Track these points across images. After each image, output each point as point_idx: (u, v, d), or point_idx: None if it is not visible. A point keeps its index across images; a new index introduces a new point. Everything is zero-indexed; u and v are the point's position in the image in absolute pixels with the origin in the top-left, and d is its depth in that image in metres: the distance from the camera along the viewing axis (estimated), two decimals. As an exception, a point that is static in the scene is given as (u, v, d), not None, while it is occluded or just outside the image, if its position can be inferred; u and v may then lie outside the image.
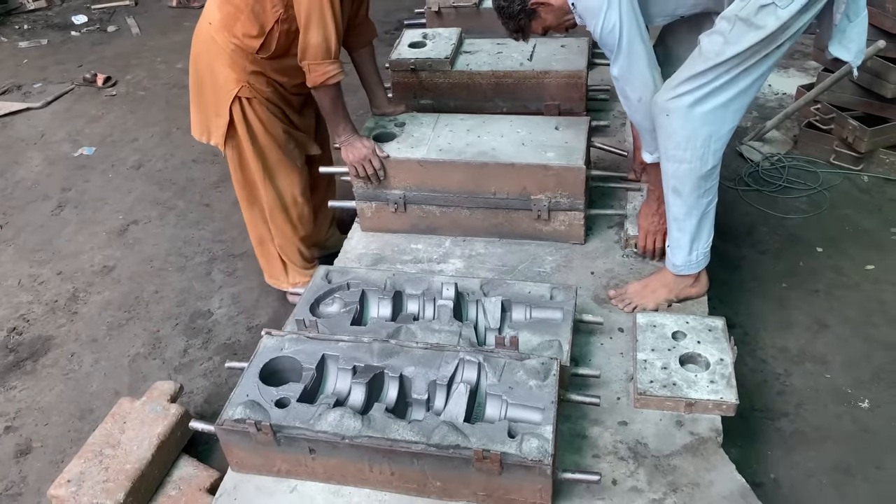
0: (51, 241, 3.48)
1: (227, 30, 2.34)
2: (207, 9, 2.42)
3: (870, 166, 3.34)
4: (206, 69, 2.44)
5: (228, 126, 2.46)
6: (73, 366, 2.77)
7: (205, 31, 2.41)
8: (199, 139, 2.56)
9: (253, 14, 2.30)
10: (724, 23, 1.84)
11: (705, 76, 1.88)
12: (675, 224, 2.15)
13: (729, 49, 1.83)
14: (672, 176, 2.07)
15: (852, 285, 2.77)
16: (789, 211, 3.15)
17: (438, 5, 3.40)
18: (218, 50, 2.38)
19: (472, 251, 2.47)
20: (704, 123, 1.94)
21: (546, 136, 2.45)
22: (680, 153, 2.00)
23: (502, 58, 2.93)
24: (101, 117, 4.54)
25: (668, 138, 2.01)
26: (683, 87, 1.92)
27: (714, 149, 1.98)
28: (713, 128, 1.95)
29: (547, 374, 1.78)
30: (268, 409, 1.76)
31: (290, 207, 2.68)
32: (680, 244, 2.16)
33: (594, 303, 2.25)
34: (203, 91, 2.48)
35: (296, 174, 2.65)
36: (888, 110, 3.24)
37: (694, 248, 2.16)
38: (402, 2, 5.71)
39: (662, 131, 2.02)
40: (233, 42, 2.35)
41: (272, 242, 2.77)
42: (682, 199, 2.09)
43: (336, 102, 2.39)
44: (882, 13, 3.03)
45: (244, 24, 2.32)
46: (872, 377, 2.39)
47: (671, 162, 2.04)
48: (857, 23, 1.91)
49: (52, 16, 6.16)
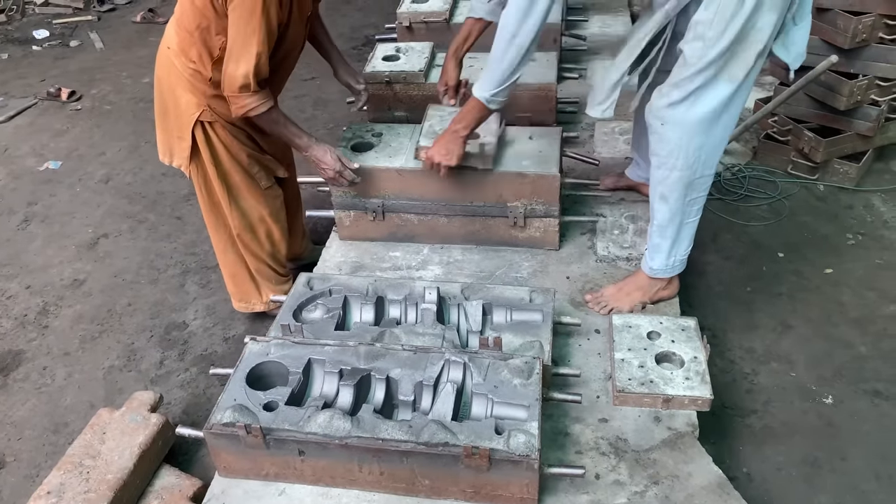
0: (18, 255, 3.42)
1: (185, 55, 2.34)
2: (167, 32, 2.41)
3: (825, 175, 3.48)
4: (168, 92, 2.43)
5: (192, 149, 2.46)
6: (45, 380, 2.73)
7: (165, 54, 2.40)
8: (163, 161, 2.56)
9: (202, 41, 2.31)
10: (700, 27, 1.93)
11: (693, 81, 1.98)
12: (658, 230, 2.22)
13: (710, 51, 1.92)
14: (661, 182, 2.13)
15: (813, 288, 2.88)
16: (751, 219, 3.26)
17: (409, 20, 3.46)
18: (178, 74, 2.38)
19: (450, 258, 2.52)
20: (697, 133, 2.02)
21: (521, 146, 2.52)
22: (672, 160, 2.07)
23: (474, 70, 2.99)
24: (66, 131, 4.49)
25: (661, 145, 2.08)
26: (675, 94, 2.01)
27: (704, 158, 2.07)
28: (705, 138, 2.03)
29: (530, 372, 1.83)
30: (256, 413, 1.77)
31: (258, 227, 2.66)
32: (660, 249, 2.23)
33: (571, 306, 2.31)
34: (167, 114, 2.48)
35: (261, 195, 2.63)
36: (841, 122, 3.39)
37: (673, 254, 2.24)
38: (368, 18, 5.77)
39: (656, 137, 2.10)
40: (190, 67, 2.35)
41: (241, 264, 2.74)
42: (668, 205, 2.16)
43: (277, 125, 2.37)
44: (834, 30, 3.19)
45: (198, 50, 2.33)
46: (835, 374, 2.50)
47: (662, 169, 2.11)
48: (801, 27, 2.05)
49: (11, 30, 6.07)
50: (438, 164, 2.32)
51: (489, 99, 2.16)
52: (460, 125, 2.26)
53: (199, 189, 2.58)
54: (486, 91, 2.16)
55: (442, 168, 2.32)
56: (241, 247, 2.68)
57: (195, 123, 2.41)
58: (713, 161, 2.10)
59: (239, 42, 2.19)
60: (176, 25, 2.36)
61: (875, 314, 2.75)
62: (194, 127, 2.41)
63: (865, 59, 3.22)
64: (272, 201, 2.65)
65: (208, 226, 2.67)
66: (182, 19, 2.32)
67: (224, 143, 2.48)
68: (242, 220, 2.62)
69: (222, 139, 2.47)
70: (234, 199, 2.59)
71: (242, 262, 2.73)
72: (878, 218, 3.27)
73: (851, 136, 3.39)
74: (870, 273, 2.95)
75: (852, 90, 3.21)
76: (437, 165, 2.33)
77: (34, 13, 6.37)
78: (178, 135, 2.47)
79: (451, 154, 2.29)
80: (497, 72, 2.12)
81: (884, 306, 2.79)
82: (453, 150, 2.29)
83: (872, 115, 3.30)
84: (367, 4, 6.08)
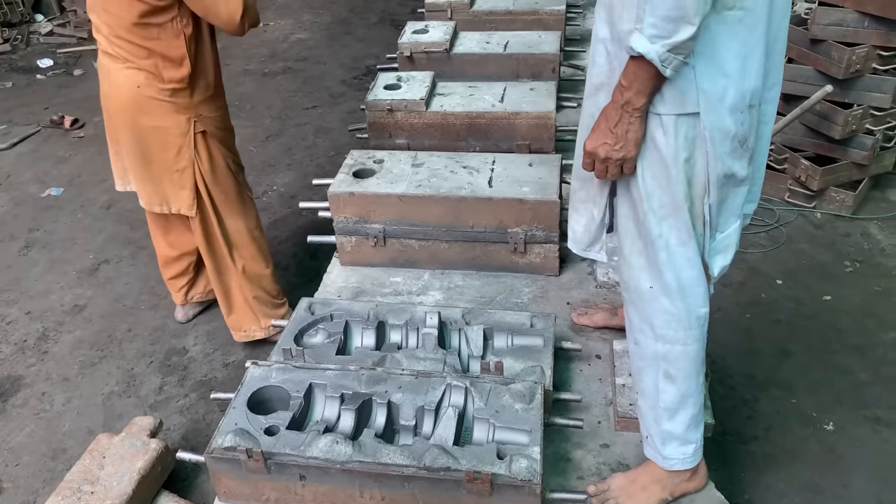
0: (18, 280, 3.43)
1: (158, 81, 2.40)
2: (124, 80, 2.42)
3: (822, 203, 3.52)
4: (149, 135, 2.46)
5: (196, 184, 2.52)
6: (44, 405, 2.72)
7: (134, 97, 2.42)
8: (161, 211, 2.61)
9: (163, 44, 2.35)
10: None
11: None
12: (667, 414, 1.75)
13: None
14: (662, 358, 1.71)
15: (812, 315, 2.90)
16: (749, 246, 3.29)
17: (410, 50, 3.51)
18: (157, 104, 2.42)
19: (450, 283, 2.53)
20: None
21: (521, 172, 2.54)
22: (671, 332, 1.68)
23: (475, 99, 3.04)
24: (68, 158, 4.52)
25: (654, 316, 1.69)
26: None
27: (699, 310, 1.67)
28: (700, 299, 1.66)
29: (532, 397, 1.83)
30: (257, 437, 1.77)
31: (249, 242, 2.75)
32: (673, 435, 1.76)
33: (571, 331, 2.32)
34: (150, 162, 2.51)
35: (248, 202, 2.75)
36: (837, 151, 3.43)
37: (691, 439, 1.77)
38: (368, 49, 5.85)
39: (633, 308, 1.73)
40: (168, 87, 2.41)
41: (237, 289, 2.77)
42: (675, 385, 1.72)
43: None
44: (828, 60, 3.24)
45: (164, 62, 2.38)
46: (835, 401, 2.50)
47: (661, 342, 1.70)
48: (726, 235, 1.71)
49: (16, 59, 6.14)
50: (606, 164, 1.57)
51: (663, 56, 1.37)
52: (630, 93, 1.45)
53: (197, 217, 2.62)
54: (657, 41, 1.36)
55: (612, 166, 1.56)
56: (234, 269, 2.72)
57: (194, 138, 2.48)
58: (705, 296, 1.67)
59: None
60: (130, 61, 2.38)
61: (874, 341, 2.76)
62: (196, 144, 2.48)
63: (859, 90, 3.28)
64: (255, 209, 2.79)
65: (203, 252, 2.72)
66: (132, 51, 2.35)
67: (210, 154, 2.56)
68: (234, 236, 2.70)
69: (210, 149, 2.55)
70: (225, 214, 2.66)
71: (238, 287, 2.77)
72: (875, 245, 3.29)
73: (847, 165, 3.44)
74: (868, 300, 2.97)
75: (847, 119, 3.26)
76: (605, 164, 1.57)
77: (39, 43, 6.46)
78: (174, 169, 2.50)
79: (625, 142, 1.51)
80: (670, 3, 1.32)
81: (882, 333, 2.80)
82: (629, 136, 1.51)
83: (867, 144, 3.34)
84: (368, 36, 6.18)
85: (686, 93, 1.46)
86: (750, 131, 1.57)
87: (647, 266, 1.66)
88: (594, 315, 2.31)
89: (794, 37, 3.42)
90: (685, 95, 1.46)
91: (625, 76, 1.46)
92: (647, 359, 1.74)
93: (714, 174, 1.54)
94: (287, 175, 4.12)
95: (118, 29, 2.33)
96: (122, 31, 2.32)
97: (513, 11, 3.82)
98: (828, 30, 3.24)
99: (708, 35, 1.40)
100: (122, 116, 2.47)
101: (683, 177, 1.54)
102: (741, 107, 1.51)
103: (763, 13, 1.46)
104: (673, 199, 1.56)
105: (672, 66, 1.39)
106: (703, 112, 1.47)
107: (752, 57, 1.49)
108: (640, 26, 1.37)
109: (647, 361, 1.75)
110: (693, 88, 1.46)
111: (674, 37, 1.35)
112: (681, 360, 1.70)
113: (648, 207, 1.59)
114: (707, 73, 1.45)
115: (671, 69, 1.39)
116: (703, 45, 1.40)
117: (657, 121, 1.50)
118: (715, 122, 1.49)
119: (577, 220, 1.87)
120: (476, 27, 3.73)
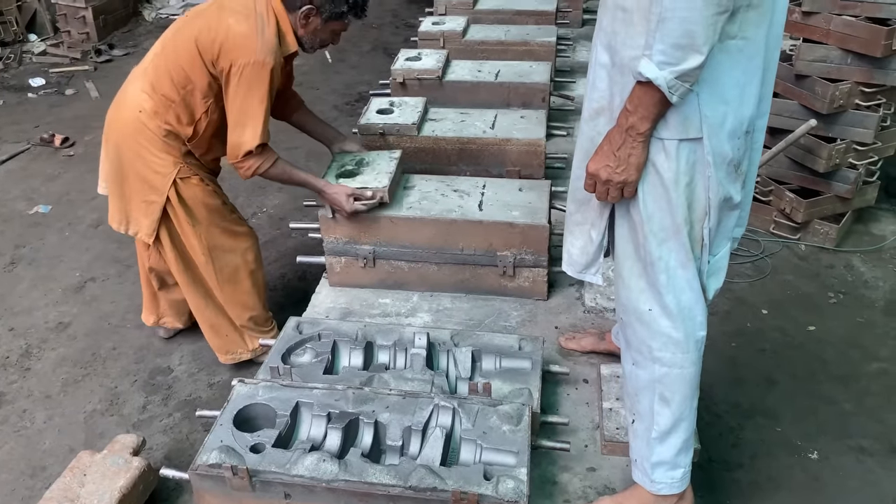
0: (3, 297, 3.40)
1: (159, 118, 2.41)
2: (133, 97, 2.45)
3: (807, 236, 3.57)
4: (133, 157, 2.46)
5: (164, 211, 2.49)
6: (24, 422, 2.68)
7: (132, 118, 2.43)
8: (117, 229, 2.59)
9: (184, 103, 2.40)
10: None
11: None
12: (659, 438, 1.75)
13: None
14: (658, 381, 1.71)
15: (797, 345, 2.92)
16: (735, 276, 3.32)
17: (403, 77, 3.55)
18: (150, 136, 2.43)
19: (439, 306, 2.54)
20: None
21: (511, 197, 2.57)
22: (668, 354, 1.69)
23: (466, 125, 3.08)
24: (58, 176, 4.51)
25: (651, 338, 1.70)
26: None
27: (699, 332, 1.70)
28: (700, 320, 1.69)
29: (519, 419, 1.83)
30: (243, 455, 1.75)
31: (245, 277, 2.71)
32: (663, 459, 1.76)
33: (559, 355, 2.33)
34: (125, 180, 2.51)
35: (242, 239, 2.70)
36: (821, 184, 3.49)
37: (680, 464, 1.77)
38: (361, 76, 5.91)
39: (632, 331, 1.74)
40: (165, 128, 2.42)
41: (223, 316, 2.75)
42: (670, 408, 1.72)
43: (284, 175, 2.48)
44: (812, 95, 3.31)
45: (177, 112, 2.41)
46: (819, 430, 2.52)
47: (658, 365, 1.70)
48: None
49: (8, 78, 6.14)
50: (607, 186, 1.58)
51: (671, 83, 1.39)
52: (635, 117, 1.47)
53: (168, 252, 2.59)
54: (665, 67, 1.38)
55: (614, 189, 1.58)
56: (224, 301, 2.70)
57: (172, 182, 2.45)
58: (703, 319, 1.69)
59: (244, 110, 2.29)
60: (150, 90, 2.41)
61: (858, 371, 2.79)
62: (171, 186, 2.45)
63: (843, 125, 3.34)
64: (254, 241, 2.74)
65: (182, 286, 2.69)
66: (160, 85, 2.39)
67: (199, 197, 2.53)
68: (227, 272, 2.65)
69: (197, 193, 2.53)
70: (216, 253, 2.62)
71: (223, 315, 2.74)
72: (859, 278, 3.34)
73: (831, 198, 3.49)
74: (852, 331, 3.00)
75: (831, 153, 3.32)
76: (606, 186, 1.58)
77: (31, 62, 6.46)
78: (143, 198, 2.49)
79: (627, 166, 1.53)
80: (679, 31, 1.34)
81: (866, 364, 2.82)
82: (631, 160, 1.53)
83: (851, 178, 3.40)
84: (361, 62, 6.24)
85: (690, 118, 1.49)
86: (744, 156, 1.60)
87: (647, 288, 1.68)
88: (582, 339, 2.32)
89: (780, 72, 3.48)
90: (689, 121, 1.50)
91: (630, 101, 1.49)
92: (643, 381, 1.75)
93: (715, 198, 1.58)
94: (277, 197, 4.13)
95: (171, 66, 2.36)
96: (173, 70, 2.36)
97: (504, 42, 3.88)
98: (812, 66, 3.31)
99: (711, 63, 1.43)
100: (115, 129, 2.49)
101: (684, 200, 1.57)
102: (739, 133, 1.55)
103: (761, 43, 1.51)
104: (673, 223, 1.59)
105: (678, 93, 1.42)
106: (706, 137, 1.51)
107: (750, 84, 1.53)
108: (649, 52, 1.39)
109: (643, 383, 1.75)
110: (697, 114, 1.49)
111: (682, 64, 1.38)
112: (677, 384, 1.71)
113: (649, 230, 1.61)
114: (709, 100, 1.49)
115: (677, 96, 1.42)
116: (707, 72, 1.44)
117: (659, 145, 1.53)
118: (716, 147, 1.53)
119: (572, 242, 1.89)
120: (468, 56, 3.78)
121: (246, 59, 2.25)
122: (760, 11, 1.44)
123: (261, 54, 2.25)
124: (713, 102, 1.48)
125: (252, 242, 2.75)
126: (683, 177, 1.54)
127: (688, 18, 1.33)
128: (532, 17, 4.28)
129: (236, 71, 2.26)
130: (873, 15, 3.16)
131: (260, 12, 2.31)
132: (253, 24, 2.28)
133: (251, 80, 2.26)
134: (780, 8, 1.53)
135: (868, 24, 3.14)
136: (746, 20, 1.43)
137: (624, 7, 1.49)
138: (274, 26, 2.31)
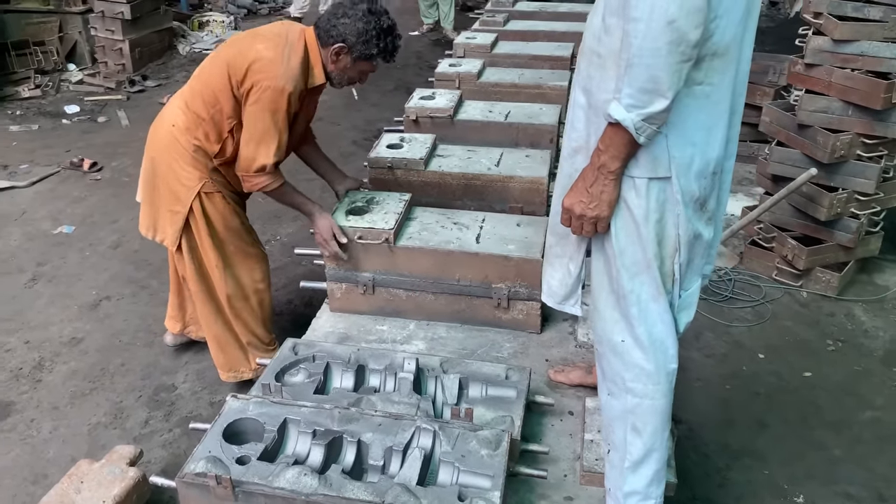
0: (22, 311, 3.53)
1: (190, 133, 2.56)
2: (170, 112, 2.63)
3: (809, 283, 3.59)
4: (165, 169, 2.62)
5: (186, 221, 2.62)
6: (31, 431, 2.78)
7: (167, 132, 2.61)
8: (145, 235, 2.74)
9: (213, 121, 2.54)
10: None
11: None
12: (631, 468, 1.78)
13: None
14: (630, 412, 1.76)
15: (791, 390, 2.93)
16: (734, 320, 3.35)
17: (416, 115, 3.67)
18: (180, 150, 2.58)
19: (434, 334, 2.61)
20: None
21: (508, 231, 2.65)
22: (640, 386, 1.74)
23: (472, 162, 3.18)
24: (84, 199, 4.69)
25: (624, 370, 1.76)
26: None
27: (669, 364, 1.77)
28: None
29: (498, 444, 1.88)
30: (228, 465, 1.82)
31: (251, 296, 2.82)
32: (635, 489, 1.80)
33: (547, 387, 2.37)
34: (156, 189, 2.66)
35: (254, 261, 2.82)
36: (823, 232, 3.52)
37: (651, 495, 1.81)
38: (381, 113, 6.07)
39: (607, 362, 1.80)
40: (194, 143, 2.57)
41: (230, 333, 2.85)
42: (641, 439, 1.76)
43: (285, 196, 2.61)
44: (814, 144, 3.37)
45: (205, 129, 2.56)
46: (806, 475, 2.52)
47: (631, 396, 1.75)
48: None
49: (45, 104, 6.41)
50: (581, 220, 1.66)
51: (638, 125, 1.48)
52: (606, 156, 1.55)
53: (188, 261, 2.71)
54: (632, 110, 1.47)
55: (587, 223, 1.65)
56: (233, 316, 2.80)
57: (195, 196, 2.59)
58: (674, 352, 1.76)
59: (260, 130, 2.42)
60: (184, 107, 2.58)
61: (851, 419, 2.79)
62: (194, 199, 2.59)
63: (844, 174, 3.39)
64: (265, 265, 2.85)
65: (195, 296, 2.80)
66: (192, 103, 2.56)
67: (221, 213, 2.66)
68: (236, 288, 2.76)
69: (219, 209, 2.66)
70: (228, 268, 2.74)
71: (231, 331, 2.84)
72: (859, 327, 3.34)
73: (833, 247, 3.52)
74: (848, 379, 3.00)
75: (832, 202, 3.36)
76: (580, 220, 1.66)
77: (68, 90, 6.74)
78: (170, 208, 2.63)
79: (599, 202, 1.61)
80: (645, 77, 1.43)
81: (860, 412, 2.83)
82: (603, 196, 1.60)
83: (853, 228, 3.43)
84: (382, 101, 6.42)
85: (659, 158, 1.58)
86: (711, 195, 1.68)
87: (620, 319, 1.74)
88: (570, 373, 2.37)
89: (783, 121, 3.56)
90: (658, 161, 1.58)
91: (602, 141, 1.58)
92: (617, 411, 1.81)
93: (685, 234, 1.65)
94: (291, 226, 4.26)
95: (203, 87, 2.53)
96: (204, 91, 2.52)
97: (517, 84, 4.00)
98: (814, 116, 3.38)
99: (679, 107, 1.52)
100: (153, 141, 2.66)
101: (654, 236, 1.64)
102: (706, 173, 1.63)
103: (728, 89, 1.59)
104: (644, 257, 1.66)
105: (646, 134, 1.50)
106: (675, 176, 1.59)
107: (716, 127, 1.61)
108: (619, 96, 1.49)
109: (617, 413, 1.81)
110: (665, 154, 1.57)
111: (648, 107, 1.47)
112: (648, 415, 1.76)
113: (621, 264, 1.68)
114: (677, 142, 1.57)
115: (644, 137, 1.51)
116: (674, 115, 1.53)
117: (630, 183, 1.61)
118: (685, 186, 1.60)
119: (551, 273, 1.96)
120: (482, 97, 3.90)
121: (268, 83, 2.39)
122: (726, 60, 1.53)
123: (282, 80, 2.39)
124: (681, 144, 1.56)
125: (263, 265, 2.86)
126: (653, 213, 1.62)
127: (653, 65, 1.41)
128: (547, 62, 4.40)
129: (256, 91, 2.40)
130: (874, 69, 3.23)
131: (291, 41, 2.46)
132: (280, 52, 2.43)
133: (269, 103, 2.40)
134: (745, 57, 1.61)
135: (868, 77, 3.21)
136: (712, 68, 1.52)
137: (598, 53, 1.59)
138: (300, 56, 2.45)
